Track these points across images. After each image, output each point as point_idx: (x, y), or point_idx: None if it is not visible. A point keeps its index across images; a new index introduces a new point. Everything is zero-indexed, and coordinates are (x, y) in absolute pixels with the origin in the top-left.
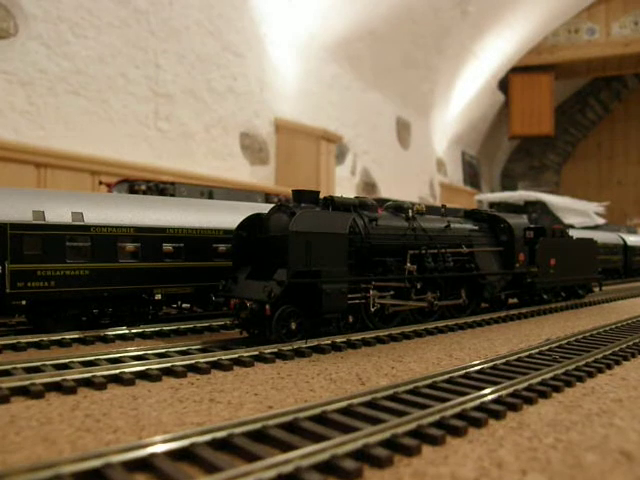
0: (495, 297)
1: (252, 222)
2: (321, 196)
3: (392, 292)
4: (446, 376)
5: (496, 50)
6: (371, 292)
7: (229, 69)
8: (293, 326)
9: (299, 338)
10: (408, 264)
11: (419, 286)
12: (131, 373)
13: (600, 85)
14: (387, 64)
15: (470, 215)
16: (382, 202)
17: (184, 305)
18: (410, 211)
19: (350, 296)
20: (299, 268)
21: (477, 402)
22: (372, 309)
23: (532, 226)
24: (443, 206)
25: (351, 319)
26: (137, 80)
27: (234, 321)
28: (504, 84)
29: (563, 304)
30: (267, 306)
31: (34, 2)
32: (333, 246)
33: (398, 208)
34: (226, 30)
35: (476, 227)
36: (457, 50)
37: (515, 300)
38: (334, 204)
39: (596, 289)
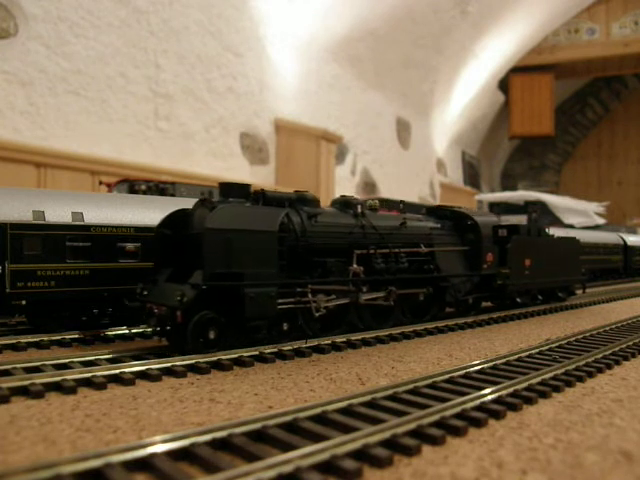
0: (461, 300)
1: (176, 219)
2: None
3: (333, 296)
4: (446, 376)
5: (496, 50)
6: (310, 295)
7: (229, 69)
8: (212, 335)
9: (219, 349)
10: (354, 265)
11: (365, 289)
12: (131, 373)
13: (600, 85)
14: (387, 64)
15: (433, 212)
16: (382, 202)
17: None
18: (359, 207)
19: (282, 301)
20: (217, 270)
21: (477, 402)
22: (316, 314)
23: (503, 224)
24: (401, 202)
25: (286, 326)
26: (137, 80)
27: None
28: (504, 84)
29: (563, 304)
30: (178, 312)
31: (34, 2)
32: (259, 245)
33: (346, 204)
34: (226, 30)
35: (438, 225)
36: (457, 50)
37: (490, 304)
38: (265, 199)
39: (579, 291)
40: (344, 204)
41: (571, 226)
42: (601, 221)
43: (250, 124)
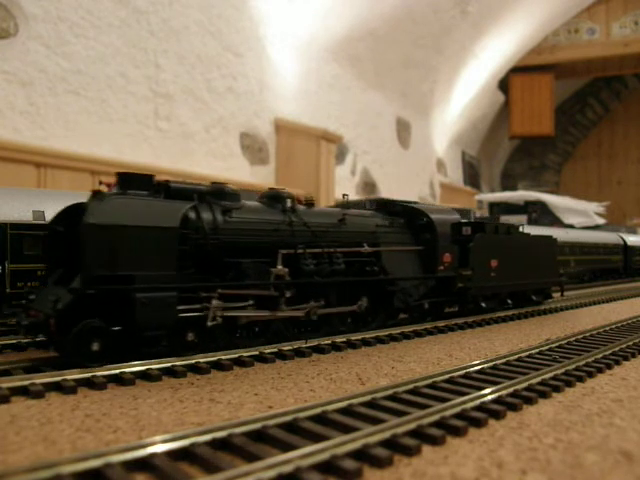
0: (414, 306)
1: (70, 213)
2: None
3: (251, 302)
4: (446, 376)
5: (496, 50)
6: (214, 302)
7: (229, 69)
8: (95, 347)
9: (106, 362)
10: (279, 266)
11: (289, 294)
12: (131, 373)
13: (600, 85)
14: (387, 64)
15: (382, 208)
16: (383, 202)
17: None
18: (289, 201)
19: (184, 307)
20: (100, 272)
21: (477, 402)
22: (209, 323)
23: (466, 221)
24: (344, 196)
25: (192, 337)
26: (137, 80)
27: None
28: (504, 84)
29: (564, 304)
30: (52, 320)
31: (34, 2)
32: (154, 244)
33: (274, 198)
34: (226, 30)
35: (386, 222)
36: (457, 50)
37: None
38: (168, 191)
39: (557, 294)
40: (272, 198)
41: (571, 226)
42: (601, 221)
43: (250, 124)
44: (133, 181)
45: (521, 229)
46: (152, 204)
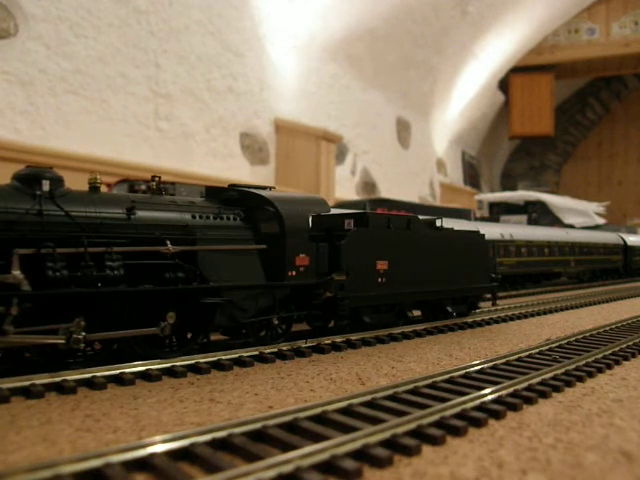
0: (251, 323)
1: None
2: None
3: None
4: (446, 376)
5: (496, 50)
6: None
7: (229, 69)
8: None
9: None
10: (14, 272)
11: (15, 312)
12: (131, 373)
13: (600, 85)
14: (387, 64)
15: (217, 195)
16: (382, 202)
17: None
18: (45, 184)
19: None
20: None
21: (477, 402)
22: None
23: (343, 212)
24: (154, 178)
25: None
26: (137, 80)
27: None
28: (504, 84)
29: (564, 304)
30: None
31: (34, 2)
32: None
33: (28, 179)
34: (226, 30)
35: (210, 214)
36: (457, 50)
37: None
38: None
39: (487, 304)
40: (25, 180)
41: (571, 226)
42: (601, 221)
43: (250, 124)
44: None
45: (438, 223)
46: None
